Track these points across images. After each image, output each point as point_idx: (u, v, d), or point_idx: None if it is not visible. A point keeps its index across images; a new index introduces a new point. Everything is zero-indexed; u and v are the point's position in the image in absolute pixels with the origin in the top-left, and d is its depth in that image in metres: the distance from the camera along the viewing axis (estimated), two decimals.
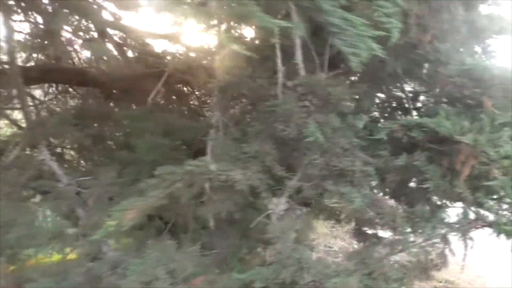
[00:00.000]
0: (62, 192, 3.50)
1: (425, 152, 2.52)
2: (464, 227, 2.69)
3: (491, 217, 2.64)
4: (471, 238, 2.81)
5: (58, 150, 4.27)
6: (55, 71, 5.73)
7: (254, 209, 2.97)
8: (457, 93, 2.53)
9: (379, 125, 2.68)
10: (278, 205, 2.78)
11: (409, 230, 2.45)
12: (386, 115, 3.35)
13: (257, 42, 3.36)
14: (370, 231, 3.28)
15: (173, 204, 2.77)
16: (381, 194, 2.81)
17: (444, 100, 2.74)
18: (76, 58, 6.25)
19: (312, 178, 2.71)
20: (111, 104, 5.61)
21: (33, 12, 5.33)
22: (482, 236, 2.74)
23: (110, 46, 5.52)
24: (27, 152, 3.68)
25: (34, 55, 5.80)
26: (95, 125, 4.17)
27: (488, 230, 2.63)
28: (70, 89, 6.11)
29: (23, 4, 4.88)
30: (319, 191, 2.64)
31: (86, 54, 6.29)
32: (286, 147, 2.80)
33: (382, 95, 3.47)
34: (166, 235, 3.38)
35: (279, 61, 3.01)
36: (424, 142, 2.51)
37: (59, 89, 5.96)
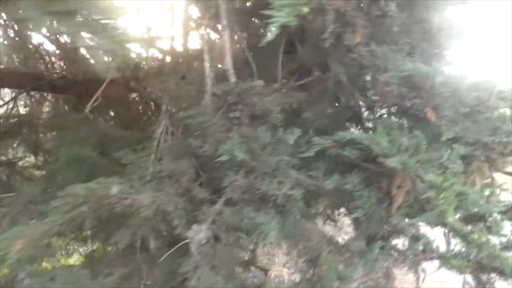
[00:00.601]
0: None
1: (362, 173, 2.14)
2: (412, 258, 2.32)
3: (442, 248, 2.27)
4: (423, 270, 2.44)
5: None
6: (9, 75, 5.42)
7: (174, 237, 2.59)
8: (401, 104, 2.16)
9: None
10: (198, 232, 2.41)
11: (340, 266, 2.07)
12: (336, 127, 2.97)
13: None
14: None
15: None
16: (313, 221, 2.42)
17: (394, 111, 2.37)
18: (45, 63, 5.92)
19: (236, 202, 2.34)
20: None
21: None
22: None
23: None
24: None
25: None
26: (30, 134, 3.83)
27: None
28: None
29: None
30: (240, 218, 2.27)
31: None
32: (209, 165, 2.44)
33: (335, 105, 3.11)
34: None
35: (207, 65, 2.66)
36: (360, 162, 2.13)
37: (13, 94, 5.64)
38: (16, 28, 5.06)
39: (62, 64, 5.78)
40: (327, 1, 1.74)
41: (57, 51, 5.71)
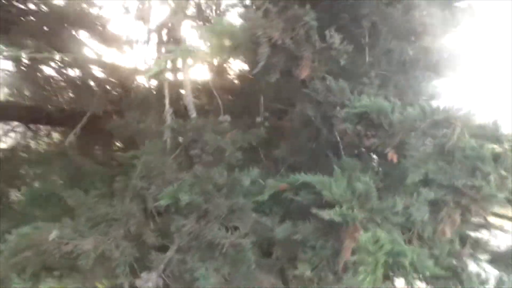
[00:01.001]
0: None
1: (316, 221, 1.91)
2: None
3: None
4: None
5: None
6: (7, 108, 5.47)
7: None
8: (360, 143, 1.94)
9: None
10: (148, 281, 2.21)
11: None
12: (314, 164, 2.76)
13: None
14: None
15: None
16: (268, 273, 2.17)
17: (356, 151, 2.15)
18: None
19: (186, 249, 2.14)
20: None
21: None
22: None
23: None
24: None
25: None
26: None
27: None
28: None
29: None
30: (187, 267, 2.06)
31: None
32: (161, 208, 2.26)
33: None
34: None
35: (167, 101, 2.53)
36: (315, 208, 1.90)
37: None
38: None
39: (66, 97, 5.82)
40: (261, 33, 1.58)
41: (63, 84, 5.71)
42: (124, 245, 2.18)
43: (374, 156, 2.32)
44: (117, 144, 4.35)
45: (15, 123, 5.39)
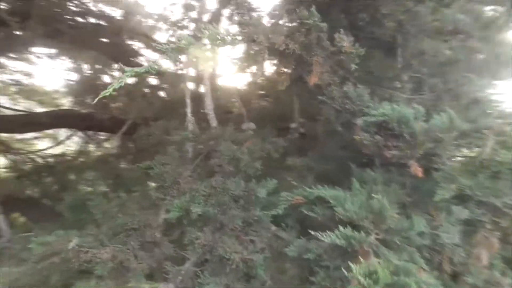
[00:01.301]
0: None
1: (332, 238, 1.76)
2: None
3: None
4: None
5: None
6: (64, 117, 5.78)
7: None
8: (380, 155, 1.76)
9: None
10: None
11: None
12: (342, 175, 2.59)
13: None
14: None
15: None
16: None
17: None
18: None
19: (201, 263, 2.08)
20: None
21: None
22: None
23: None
24: None
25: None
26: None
27: None
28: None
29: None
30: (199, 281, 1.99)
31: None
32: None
33: None
34: None
35: (188, 109, 2.49)
36: (331, 224, 1.75)
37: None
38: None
39: (118, 104, 6.03)
40: (263, 39, 1.48)
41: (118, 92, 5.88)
42: (141, 255, 2.17)
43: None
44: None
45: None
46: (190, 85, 2.62)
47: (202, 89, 2.60)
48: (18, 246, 2.90)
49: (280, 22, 1.59)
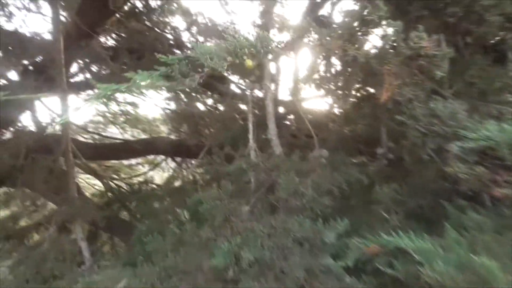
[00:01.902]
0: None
1: None
2: None
3: None
4: None
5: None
6: (154, 143, 5.98)
7: None
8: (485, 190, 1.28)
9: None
10: None
11: None
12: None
13: None
14: None
15: None
16: None
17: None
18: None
19: None
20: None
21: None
22: None
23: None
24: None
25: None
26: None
27: None
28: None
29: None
30: None
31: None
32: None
33: None
34: None
35: (250, 135, 2.22)
36: (415, 284, 1.31)
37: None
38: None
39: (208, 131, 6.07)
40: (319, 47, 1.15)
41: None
42: None
43: None
44: None
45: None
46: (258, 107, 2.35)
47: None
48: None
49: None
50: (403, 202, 2.07)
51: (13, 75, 4.11)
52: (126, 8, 4.24)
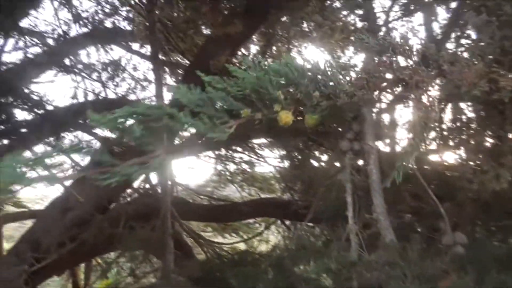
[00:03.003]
0: None
1: None
2: None
3: None
4: None
5: None
6: (263, 205, 5.66)
7: None
8: None
9: None
10: None
11: None
12: None
13: None
14: None
15: None
16: None
17: None
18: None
19: None
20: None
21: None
22: None
23: None
24: None
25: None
26: None
27: None
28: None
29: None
30: None
31: None
32: None
33: None
34: None
35: (350, 214, 1.62)
36: None
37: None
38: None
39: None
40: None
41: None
42: None
43: None
44: None
45: None
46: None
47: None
48: None
49: None
50: None
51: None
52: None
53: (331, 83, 0.71)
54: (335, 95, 0.72)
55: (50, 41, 3.97)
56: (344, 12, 2.08)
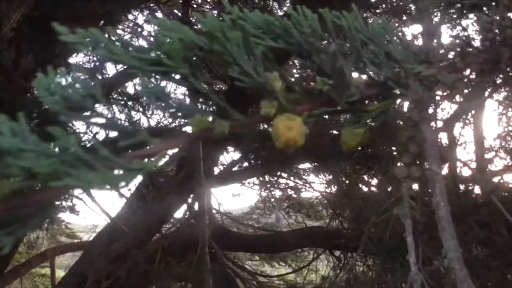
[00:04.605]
0: None
1: None
2: None
3: None
4: None
5: None
6: (309, 235, 5.32)
7: None
8: None
9: None
10: None
11: None
12: None
13: None
14: None
15: None
16: None
17: None
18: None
19: None
20: None
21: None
22: None
23: None
24: None
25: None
26: None
27: None
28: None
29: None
30: None
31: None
32: None
33: None
34: None
35: (412, 259, 1.26)
36: None
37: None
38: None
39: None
40: None
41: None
42: None
43: None
44: None
45: None
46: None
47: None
48: None
49: None
50: None
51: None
52: None
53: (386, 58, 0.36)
54: (398, 83, 0.39)
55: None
56: None
